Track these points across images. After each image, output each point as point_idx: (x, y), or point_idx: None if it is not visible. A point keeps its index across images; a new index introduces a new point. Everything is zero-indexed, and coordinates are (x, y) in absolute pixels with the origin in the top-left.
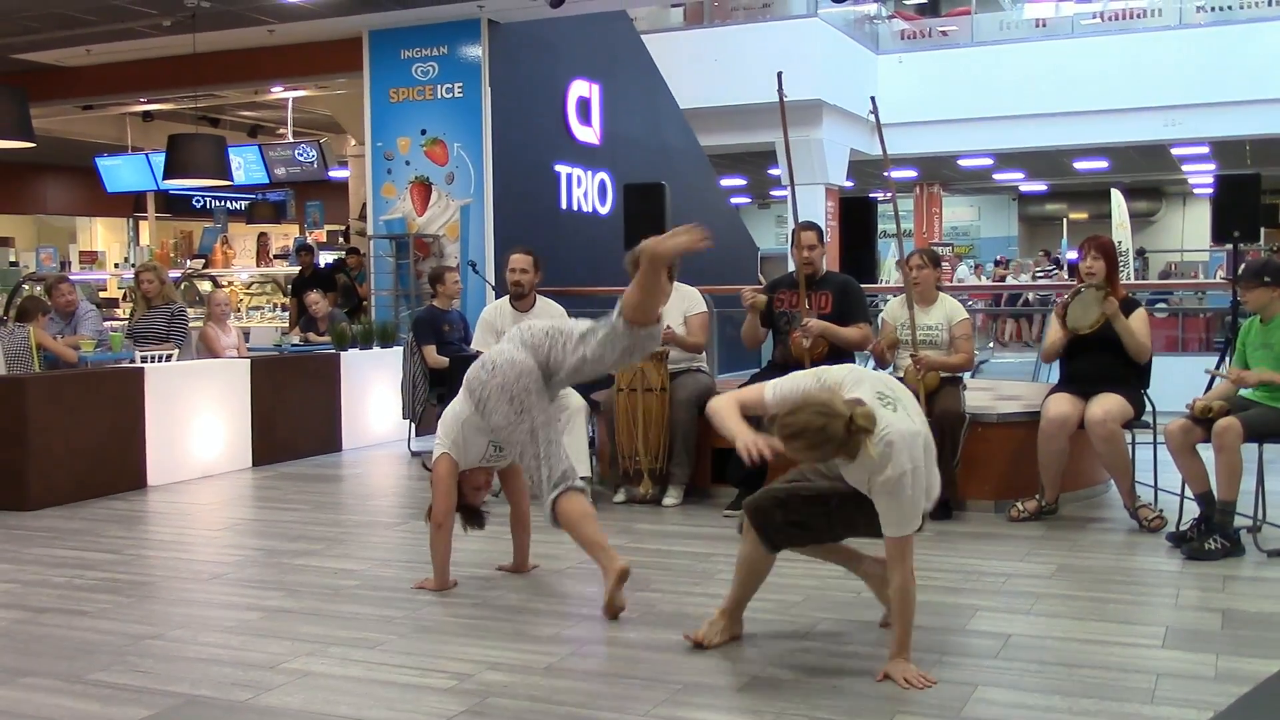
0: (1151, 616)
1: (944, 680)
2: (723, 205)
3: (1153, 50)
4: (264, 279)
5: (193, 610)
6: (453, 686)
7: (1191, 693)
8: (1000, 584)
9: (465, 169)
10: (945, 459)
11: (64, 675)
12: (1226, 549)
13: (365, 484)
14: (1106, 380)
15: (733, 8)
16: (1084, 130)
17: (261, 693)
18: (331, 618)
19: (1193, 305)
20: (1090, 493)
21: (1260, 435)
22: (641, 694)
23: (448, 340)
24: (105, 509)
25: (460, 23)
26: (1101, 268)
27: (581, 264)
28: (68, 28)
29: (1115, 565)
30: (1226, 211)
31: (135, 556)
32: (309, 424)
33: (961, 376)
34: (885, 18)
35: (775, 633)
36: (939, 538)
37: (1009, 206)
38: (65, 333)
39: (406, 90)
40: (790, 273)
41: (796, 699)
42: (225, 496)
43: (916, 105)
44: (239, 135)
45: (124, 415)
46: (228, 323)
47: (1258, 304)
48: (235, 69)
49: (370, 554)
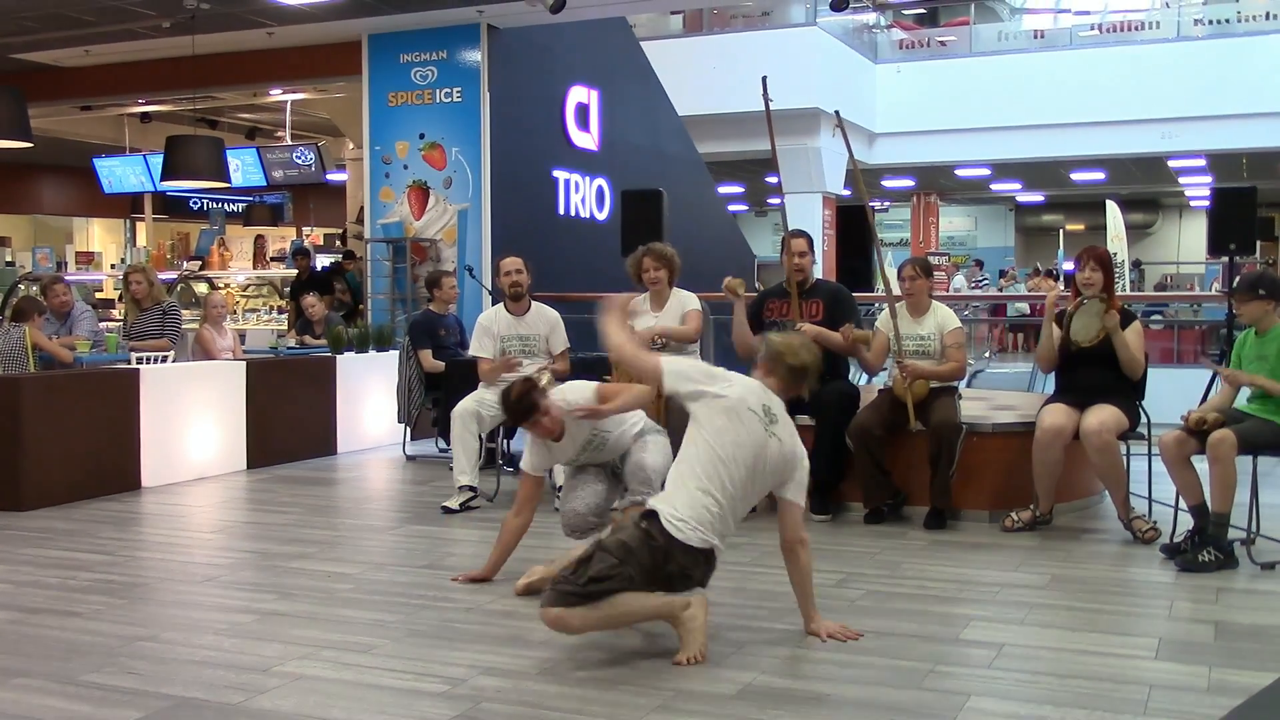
0: (1145, 628)
1: (937, 689)
2: (720, 212)
3: (1150, 62)
4: (260, 281)
5: (186, 612)
6: (446, 691)
7: (1184, 704)
8: (994, 594)
9: (463, 173)
10: (941, 468)
11: (56, 676)
12: (1220, 561)
13: (360, 487)
14: (1102, 391)
15: (732, 15)
16: (1081, 141)
17: (254, 696)
18: (325, 621)
19: (1188, 317)
20: (1085, 503)
21: (1255, 447)
22: (634, 701)
23: (444, 345)
24: (99, 510)
25: (460, 27)
26: (1099, 279)
27: (578, 270)
28: (67, 28)
29: (1109, 576)
30: (1223, 224)
31: (129, 558)
32: (304, 427)
33: (957, 386)
34: (884, 27)
35: (768, 640)
36: (933, 547)
37: (1006, 217)
38: (61, 333)
39: (405, 94)
40: (781, 283)
41: (788, 707)
42: (220, 499)
43: (914, 115)
44: (237, 137)
45: (119, 416)
46: (224, 325)
47: (1252, 317)
48: (234, 71)
49: (364, 558)
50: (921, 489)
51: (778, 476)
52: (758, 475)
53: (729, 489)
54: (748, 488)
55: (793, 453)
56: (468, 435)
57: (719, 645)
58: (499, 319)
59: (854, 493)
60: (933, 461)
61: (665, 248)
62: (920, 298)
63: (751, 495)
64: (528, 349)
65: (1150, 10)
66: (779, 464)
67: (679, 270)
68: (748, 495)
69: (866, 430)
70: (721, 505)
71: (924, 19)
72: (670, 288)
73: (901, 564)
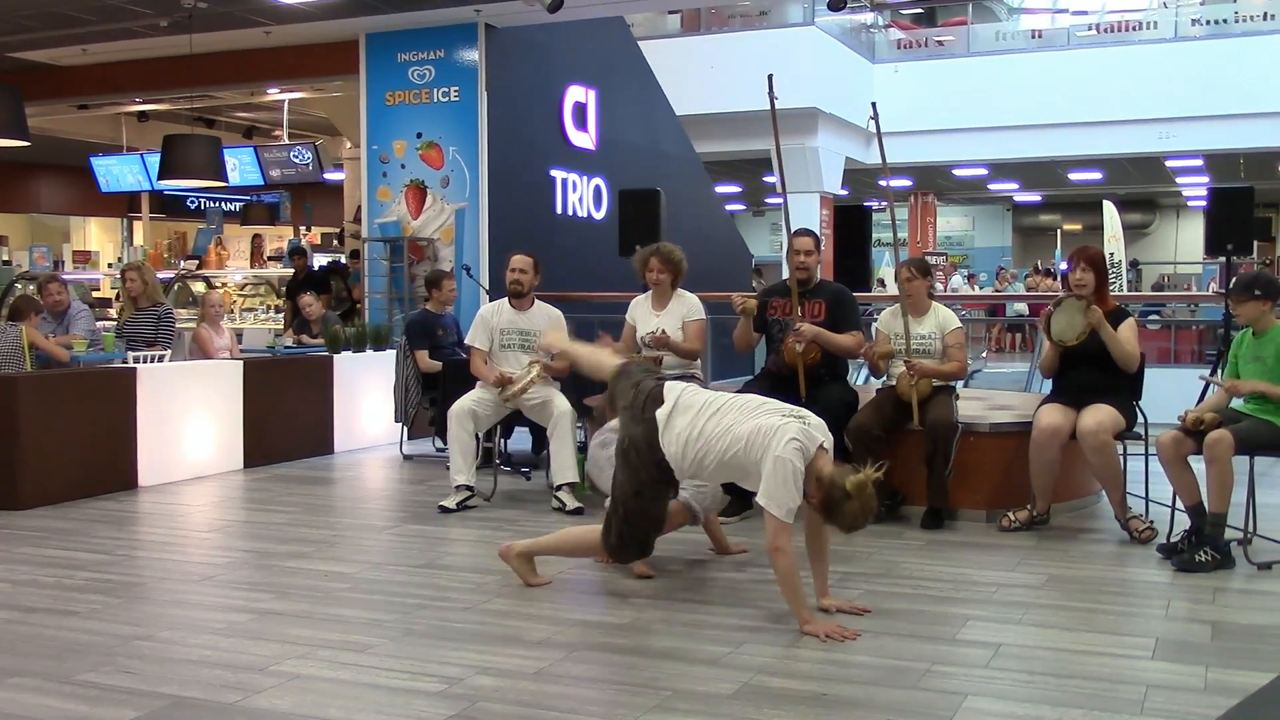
0: (1141, 628)
1: (933, 689)
2: (718, 212)
3: (1148, 62)
4: (258, 280)
5: (183, 612)
6: (443, 690)
7: (1181, 704)
8: (991, 594)
9: (460, 173)
10: (937, 468)
11: (52, 675)
12: (1217, 561)
13: (357, 487)
14: (1098, 391)
15: (729, 15)
16: (1079, 141)
17: (251, 695)
18: (322, 620)
19: (1185, 317)
20: (1081, 503)
21: (1252, 448)
22: (631, 700)
23: (441, 345)
24: (96, 509)
25: (457, 26)
26: (1091, 280)
27: (576, 269)
28: (64, 27)
29: (1106, 576)
30: (1220, 224)
31: (125, 557)
32: (301, 426)
33: (954, 386)
34: (882, 27)
35: (764, 640)
36: (930, 547)
37: (1003, 217)
38: (58, 332)
39: (403, 93)
40: (784, 280)
41: (786, 707)
42: (217, 498)
43: (912, 114)
44: (234, 136)
45: (116, 415)
46: (221, 324)
47: (1249, 317)
48: (231, 70)
49: (362, 557)
50: (919, 489)
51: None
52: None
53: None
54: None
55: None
56: (464, 434)
57: (715, 645)
58: (501, 312)
59: None
60: (929, 461)
61: (674, 251)
62: (919, 298)
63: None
64: (528, 343)
65: (1148, 10)
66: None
67: (684, 275)
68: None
69: (866, 430)
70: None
71: (922, 19)
72: (674, 289)
73: (899, 564)
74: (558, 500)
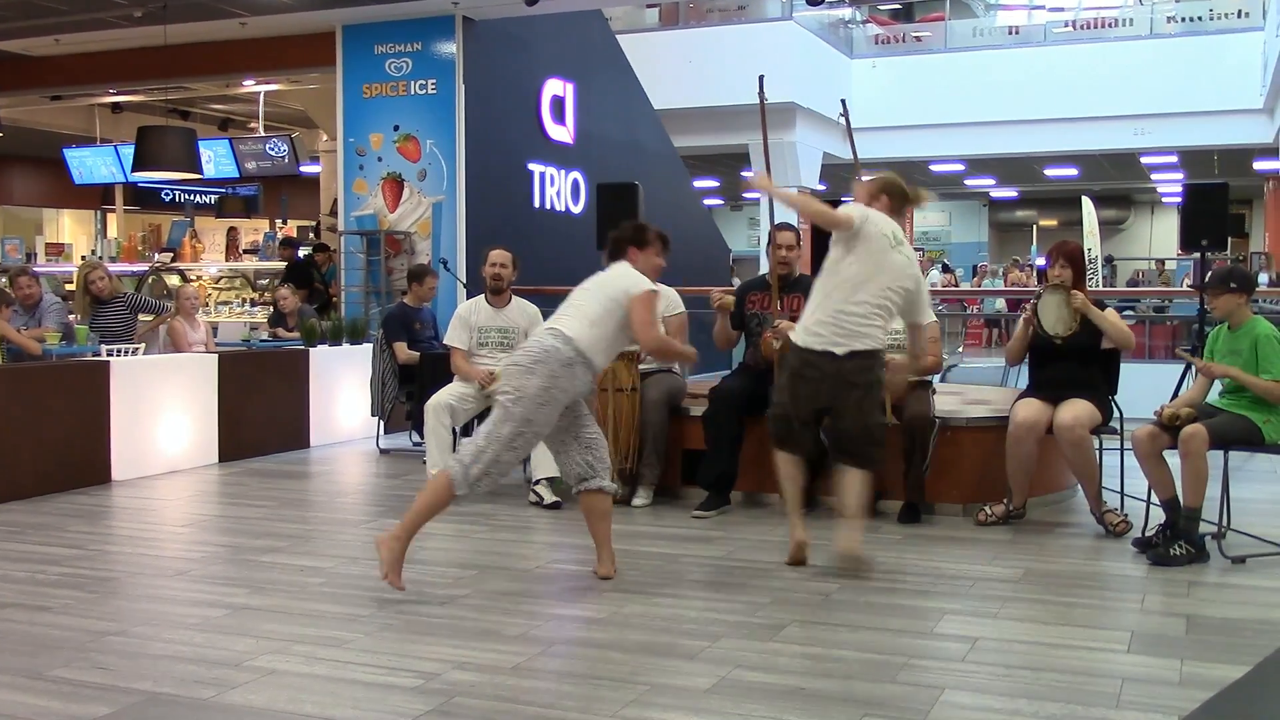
0: (1117, 621)
1: (910, 683)
2: (696, 206)
3: (1123, 59)
4: (233, 274)
5: (156, 607)
6: (419, 685)
7: (1156, 697)
8: (967, 588)
9: (438, 166)
10: (914, 463)
11: (25, 671)
12: (1191, 555)
13: (333, 481)
14: (1075, 386)
15: (708, 9)
16: (1055, 138)
17: (225, 691)
18: (297, 616)
19: (1158, 303)
20: (1057, 497)
21: (1226, 442)
22: (609, 695)
23: (419, 338)
24: (69, 503)
25: (435, 19)
26: (1069, 275)
27: (554, 263)
28: (36, 16)
29: (1081, 570)
30: (1195, 220)
31: (99, 552)
32: (277, 420)
33: (931, 380)
34: (860, 22)
35: (743, 634)
36: (907, 540)
37: (980, 212)
38: (30, 325)
39: (380, 86)
40: (762, 275)
41: (764, 701)
42: (191, 492)
43: (889, 110)
44: (209, 128)
45: (89, 409)
46: (196, 318)
47: (1225, 311)
48: (206, 61)
49: (337, 552)
50: (896, 483)
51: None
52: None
53: None
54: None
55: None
56: (441, 428)
57: (693, 639)
58: (478, 310)
59: (829, 487)
60: (906, 456)
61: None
62: None
63: None
64: (507, 341)
65: (1123, 7)
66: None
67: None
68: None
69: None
70: None
71: (899, 14)
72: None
73: (875, 558)
74: (535, 494)
